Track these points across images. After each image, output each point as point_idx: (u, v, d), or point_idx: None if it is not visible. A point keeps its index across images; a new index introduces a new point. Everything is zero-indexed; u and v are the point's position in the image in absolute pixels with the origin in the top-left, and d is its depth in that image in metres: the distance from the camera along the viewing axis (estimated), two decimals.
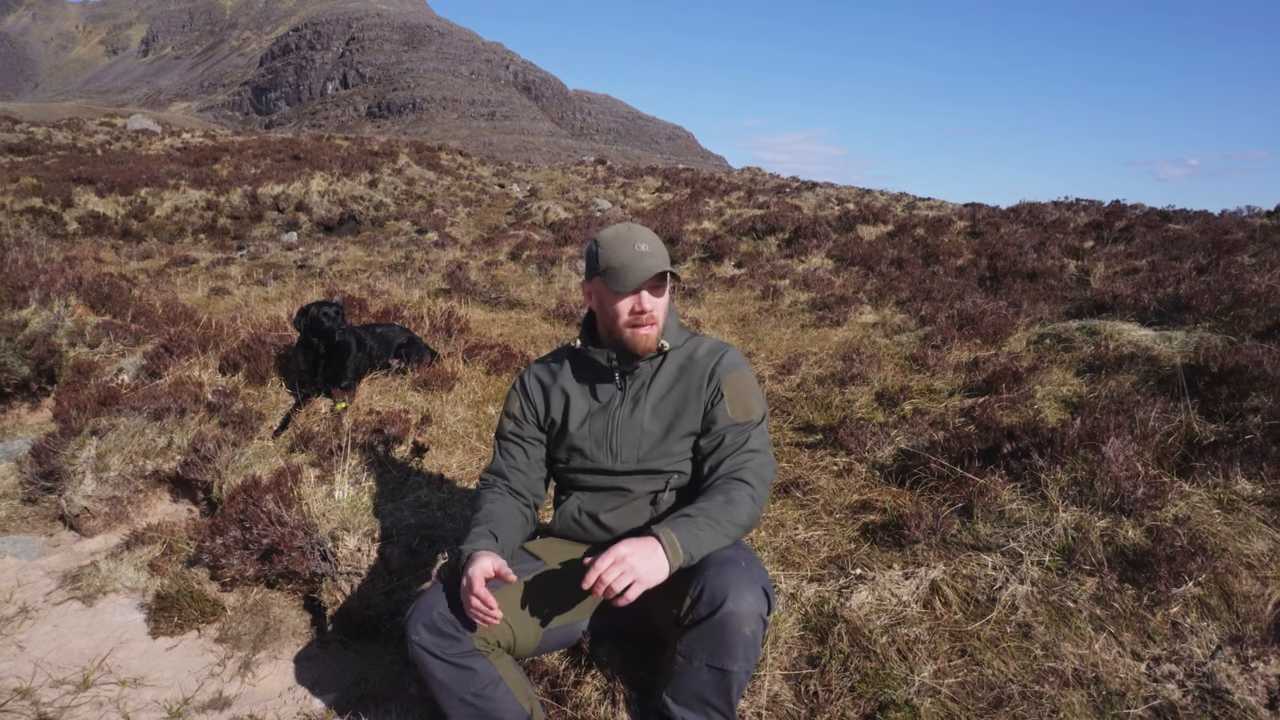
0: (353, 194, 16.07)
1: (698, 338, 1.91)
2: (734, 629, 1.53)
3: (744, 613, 1.53)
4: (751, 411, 1.79)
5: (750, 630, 1.54)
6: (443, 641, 1.65)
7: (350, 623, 2.58)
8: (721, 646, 1.55)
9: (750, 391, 1.82)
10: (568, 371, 1.93)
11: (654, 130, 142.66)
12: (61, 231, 12.07)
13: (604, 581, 1.46)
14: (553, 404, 1.93)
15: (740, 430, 1.77)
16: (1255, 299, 4.36)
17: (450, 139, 75.11)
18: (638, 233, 1.76)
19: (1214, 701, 1.77)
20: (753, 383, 1.84)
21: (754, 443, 1.75)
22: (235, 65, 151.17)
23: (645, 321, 1.77)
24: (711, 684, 1.59)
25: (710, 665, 1.57)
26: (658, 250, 1.76)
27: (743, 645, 1.55)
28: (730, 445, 1.75)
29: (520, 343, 5.05)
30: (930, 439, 3.06)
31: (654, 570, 1.48)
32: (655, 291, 1.77)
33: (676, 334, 1.87)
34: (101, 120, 26.61)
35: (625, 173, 23.16)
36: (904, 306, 5.99)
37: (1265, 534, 2.19)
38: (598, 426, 1.85)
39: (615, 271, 1.73)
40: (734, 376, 1.82)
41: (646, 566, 1.47)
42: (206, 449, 3.37)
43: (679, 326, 1.90)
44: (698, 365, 1.83)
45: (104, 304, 5.42)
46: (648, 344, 1.79)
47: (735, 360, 1.85)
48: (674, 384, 1.83)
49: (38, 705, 2.23)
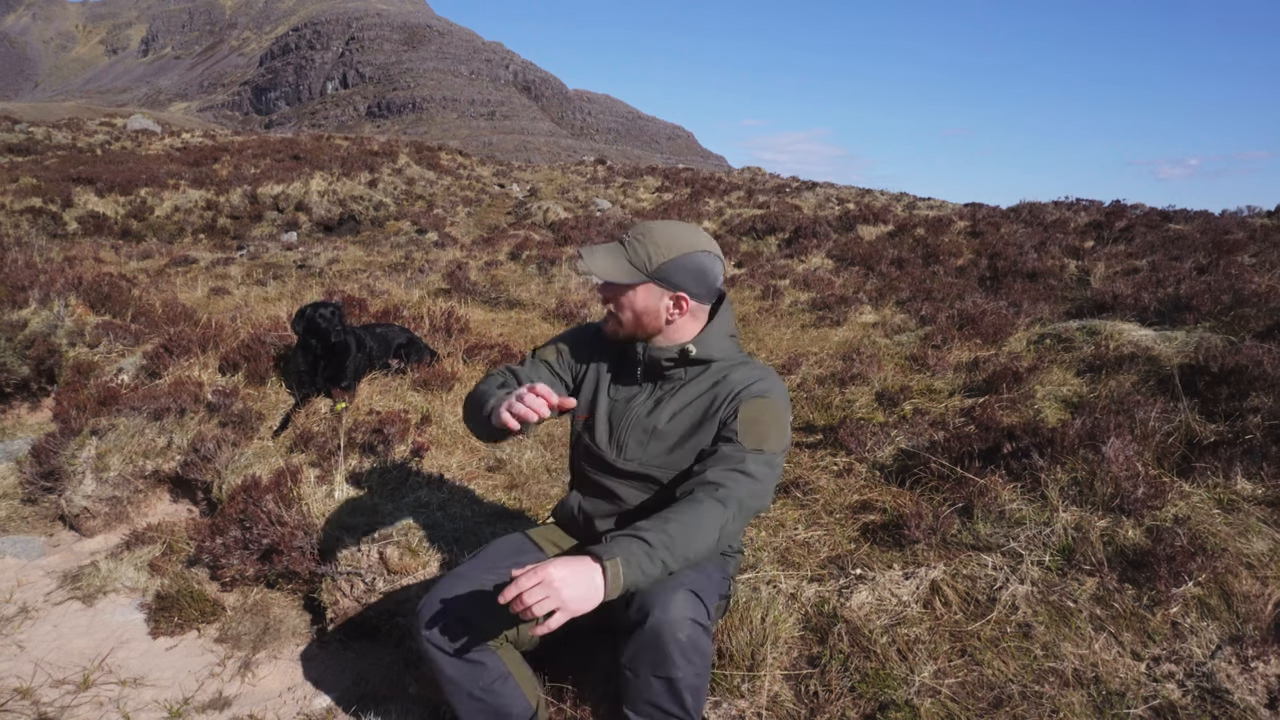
0: (352, 194, 16.07)
1: (751, 363, 1.82)
2: (667, 636, 1.50)
3: (672, 620, 1.49)
4: (764, 440, 1.65)
5: (685, 635, 1.50)
6: (452, 638, 1.65)
7: (350, 623, 2.58)
8: (660, 657, 1.52)
9: (770, 420, 1.69)
10: (610, 352, 1.90)
11: (654, 130, 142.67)
12: (61, 231, 12.07)
13: (523, 601, 1.32)
14: (589, 365, 1.90)
15: (741, 450, 1.64)
16: (1255, 299, 4.36)
17: (450, 139, 75.11)
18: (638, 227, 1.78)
19: (1214, 701, 1.77)
20: (779, 414, 1.71)
21: (751, 467, 1.61)
22: (235, 65, 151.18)
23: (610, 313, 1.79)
24: (663, 693, 1.56)
25: (655, 676, 1.54)
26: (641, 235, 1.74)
27: (680, 651, 1.51)
28: (724, 458, 1.63)
29: (520, 343, 5.05)
30: (930, 439, 3.06)
31: (582, 600, 1.34)
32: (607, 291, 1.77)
33: (722, 347, 1.79)
34: (101, 120, 26.61)
35: (625, 172, 23.16)
36: (904, 306, 5.99)
37: (1265, 534, 2.19)
38: (615, 414, 1.83)
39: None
40: (758, 402, 1.70)
41: (573, 594, 1.33)
42: (206, 449, 3.37)
43: (729, 342, 1.82)
44: (730, 384, 1.75)
45: (104, 304, 5.42)
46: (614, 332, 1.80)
47: (768, 388, 1.72)
48: (700, 396, 1.77)
49: (38, 705, 2.23)
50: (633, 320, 1.76)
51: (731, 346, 1.82)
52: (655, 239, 1.73)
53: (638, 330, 1.78)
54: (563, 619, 1.33)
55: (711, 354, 1.77)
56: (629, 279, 1.73)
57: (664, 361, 1.78)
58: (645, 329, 1.77)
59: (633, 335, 1.79)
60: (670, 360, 1.78)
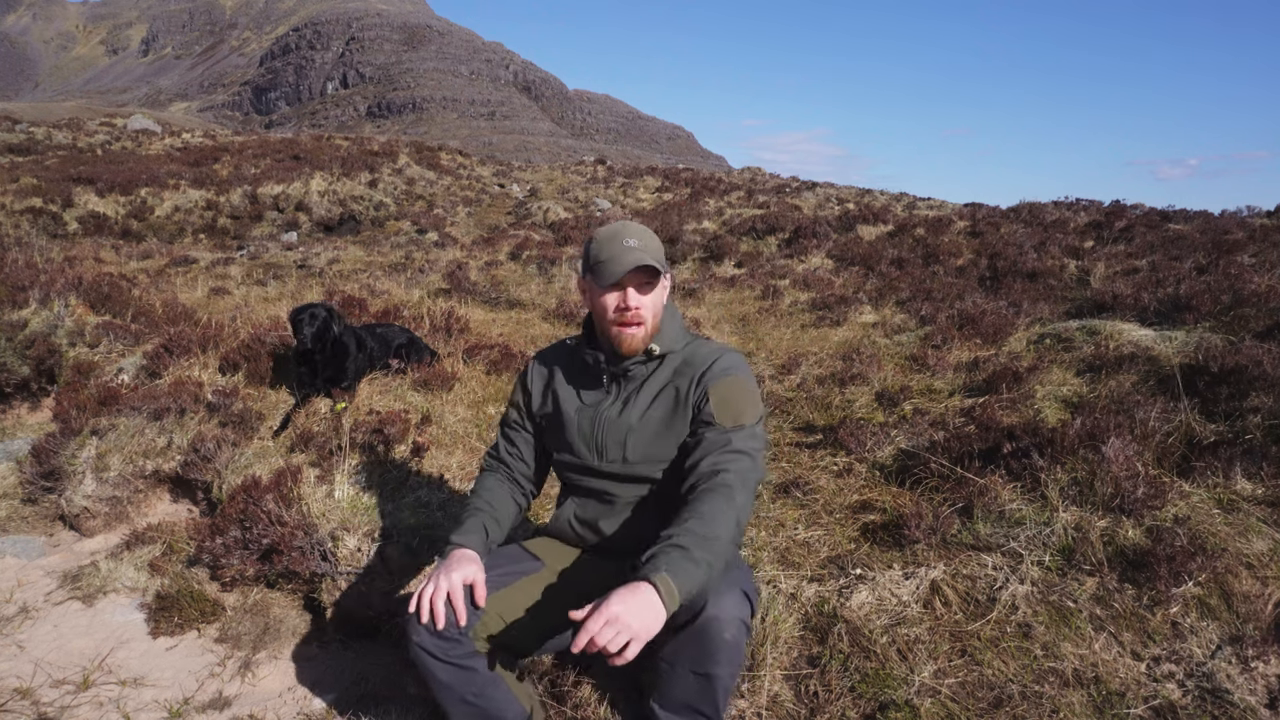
0: (352, 194, 16.07)
1: (699, 341, 1.85)
2: (715, 635, 1.51)
3: (724, 618, 1.50)
4: (741, 416, 1.70)
5: (731, 635, 1.52)
6: (443, 643, 1.65)
7: (350, 623, 2.58)
8: (704, 653, 1.53)
9: (741, 395, 1.72)
10: (563, 367, 1.92)
11: (654, 130, 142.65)
12: (61, 231, 12.07)
13: (596, 643, 1.33)
14: (547, 398, 1.93)
15: (723, 432, 1.67)
16: (1255, 299, 4.36)
17: (450, 139, 75.11)
18: (630, 229, 1.72)
19: (1214, 701, 1.77)
20: (746, 387, 1.75)
21: (739, 444, 1.65)
22: (235, 65, 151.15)
23: (631, 320, 1.71)
24: (697, 690, 1.58)
25: (694, 672, 1.55)
26: (648, 246, 1.71)
27: (725, 650, 1.53)
28: (712, 444, 1.66)
29: (520, 343, 5.05)
30: (930, 439, 3.06)
31: (650, 624, 1.36)
32: (642, 289, 1.72)
33: (676, 338, 1.82)
34: (101, 120, 26.61)
35: (625, 173, 23.16)
36: (904, 306, 5.99)
37: (1265, 534, 2.19)
38: (585, 424, 1.83)
39: (601, 265, 1.69)
40: (724, 381, 1.73)
41: (641, 621, 1.34)
42: (206, 449, 3.37)
43: (681, 330, 1.85)
44: (691, 369, 1.77)
45: (104, 304, 5.42)
46: (633, 344, 1.74)
47: (729, 365, 1.77)
48: (666, 387, 1.78)
49: (38, 705, 2.23)
50: (652, 319, 1.76)
51: (683, 333, 1.85)
52: (642, 233, 1.74)
53: (651, 330, 1.77)
54: (637, 648, 1.34)
55: (672, 347, 1.81)
56: (663, 267, 1.74)
57: (632, 364, 1.79)
58: (655, 327, 1.77)
59: (647, 338, 1.77)
60: (638, 361, 1.79)
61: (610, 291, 1.72)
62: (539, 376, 1.96)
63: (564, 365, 1.93)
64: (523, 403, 1.97)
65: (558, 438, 1.90)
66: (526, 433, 1.97)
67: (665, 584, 1.38)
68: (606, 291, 1.72)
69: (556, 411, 1.89)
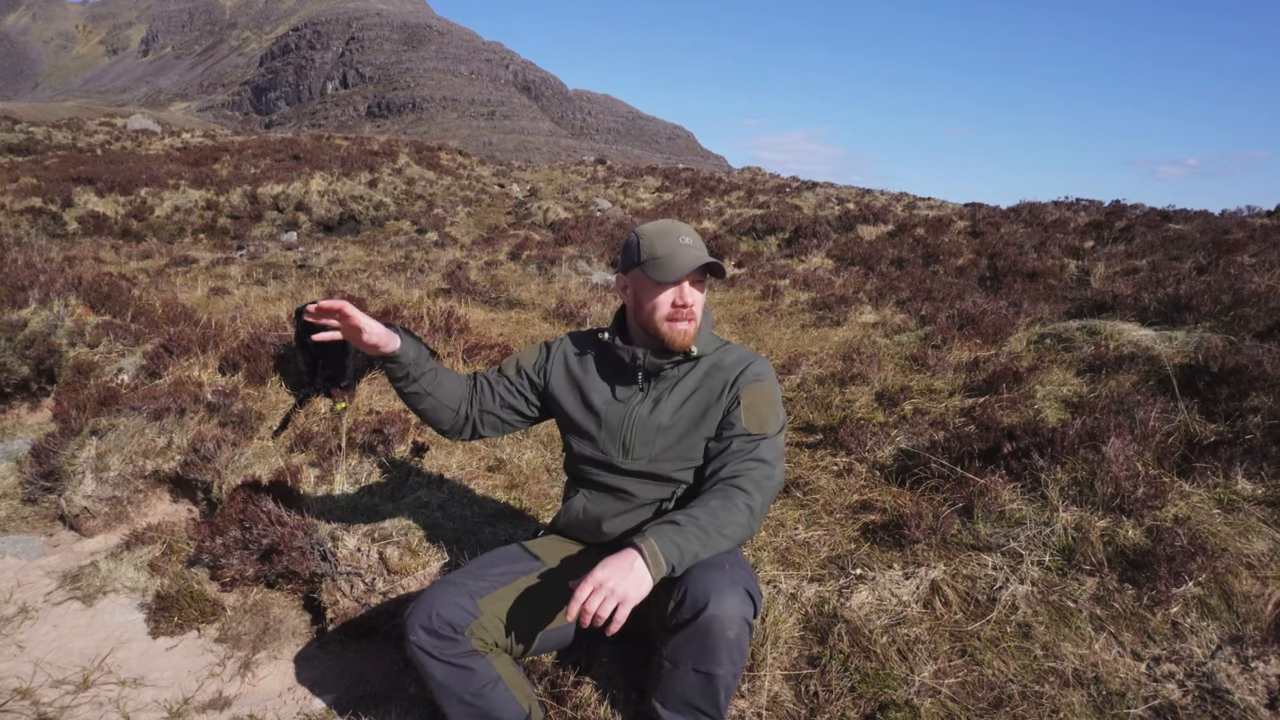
0: (352, 194, 16.06)
1: (728, 346, 1.89)
2: (717, 633, 1.51)
3: (727, 616, 1.51)
4: (766, 424, 1.75)
5: (734, 634, 1.53)
6: (441, 642, 1.65)
7: (350, 623, 2.58)
8: (705, 651, 1.54)
9: (768, 404, 1.78)
10: (594, 359, 1.92)
11: (654, 130, 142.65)
12: (61, 231, 12.07)
13: (589, 611, 1.40)
14: (570, 382, 1.92)
15: (750, 439, 1.73)
16: (1255, 299, 4.36)
17: (450, 139, 75.08)
18: (680, 227, 1.78)
19: (1214, 701, 1.77)
20: (773, 395, 1.81)
21: (762, 453, 1.71)
22: (235, 65, 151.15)
23: (685, 315, 1.76)
24: (698, 688, 1.58)
25: (696, 670, 1.56)
26: (700, 244, 1.78)
27: (727, 649, 1.53)
28: (736, 451, 1.71)
29: (520, 342, 5.05)
30: (930, 439, 3.06)
31: (636, 586, 1.43)
32: (696, 285, 1.78)
33: (709, 340, 1.86)
34: (101, 120, 26.60)
35: (625, 172, 23.15)
36: (904, 306, 5.99)
37: (1265, 534, 2.19)
38: (614, 418, 1.84)
39: (658, 262, 1.73)
40: (755, 387, 1.78)
41: (627, 584, 1.42)
42: (206, 449, 3.37)
43: (711, 334, 1.89)
44: (723, 372, 1.81)
45: (104, 304, 5.41)
46: (685, 340, 1.78)
47: (759, 372, 1.82)
48: (698, 388, 1.81)
49: (38, 705, 2.23)
50: (698, 314, 1.80)
51: (713, 336, 1.90)
52: (691, 232, 1.80)
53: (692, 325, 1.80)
54: (627, 610, 1.41)
55: (705, 349, 1.85)
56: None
57: (668, 364, 1.82)
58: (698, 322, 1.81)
59: (696, 334, 1.80)
60: (675, 361, 1.82)
61: (668, 288, 1.75)
62: (570, 356, 1.95)
63: (596, 356, 1.92)
64: (535, 371, 1.95)
65: (578, 427, 1.89)
66: (513, 391, 1.94)
67: (650, 548, 1.46)
68: (664, 288, 1.75)
69: (584, 400, 1.89)
